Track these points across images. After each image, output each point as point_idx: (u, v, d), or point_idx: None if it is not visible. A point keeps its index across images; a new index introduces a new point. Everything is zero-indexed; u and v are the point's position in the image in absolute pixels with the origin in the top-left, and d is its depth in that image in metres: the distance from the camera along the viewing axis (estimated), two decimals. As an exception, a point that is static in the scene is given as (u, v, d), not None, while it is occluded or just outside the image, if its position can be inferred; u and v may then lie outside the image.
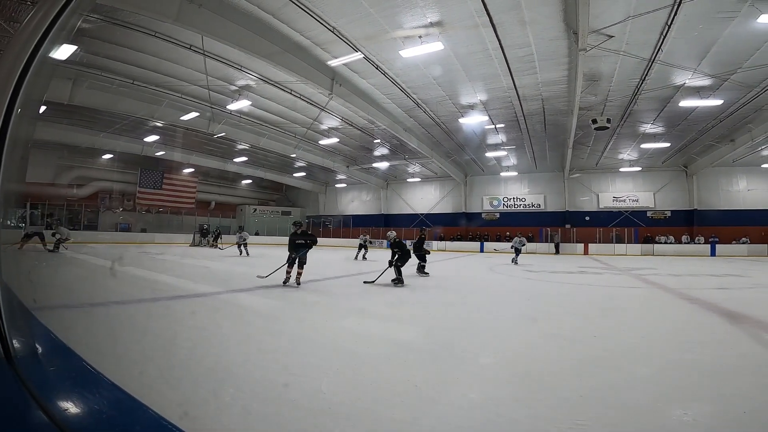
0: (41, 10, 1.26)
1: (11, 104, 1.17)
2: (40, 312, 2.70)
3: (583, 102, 13.85)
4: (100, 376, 1.32)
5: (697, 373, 2.81)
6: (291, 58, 11.41)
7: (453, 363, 3.07)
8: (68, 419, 1.01)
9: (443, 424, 2.00)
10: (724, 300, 5.98)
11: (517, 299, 6.70)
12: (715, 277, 9.82)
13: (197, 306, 5.25)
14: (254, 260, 12.98)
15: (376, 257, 13.69)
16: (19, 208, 15.99)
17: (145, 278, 7.85)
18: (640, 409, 2.20)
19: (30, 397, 1.05)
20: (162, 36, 10.87)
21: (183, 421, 1.73)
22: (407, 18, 9.84)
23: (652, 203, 24.98)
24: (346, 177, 30.24)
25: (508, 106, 15.71)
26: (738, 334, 3.98)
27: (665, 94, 13.94)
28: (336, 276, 9.37)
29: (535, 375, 2.76)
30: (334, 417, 2.04)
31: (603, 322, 4.64)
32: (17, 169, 1.34)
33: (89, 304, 4.90)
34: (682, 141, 19.59)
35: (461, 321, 4.74)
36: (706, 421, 2.10)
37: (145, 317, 4.40)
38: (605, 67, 12.15)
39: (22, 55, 1.20)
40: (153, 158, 24.18)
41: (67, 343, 1.71)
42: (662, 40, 10.08)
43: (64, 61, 9.79)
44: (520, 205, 28.20)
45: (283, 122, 18.64)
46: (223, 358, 2.94)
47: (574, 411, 2.13)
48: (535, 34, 10.40)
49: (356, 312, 5.19)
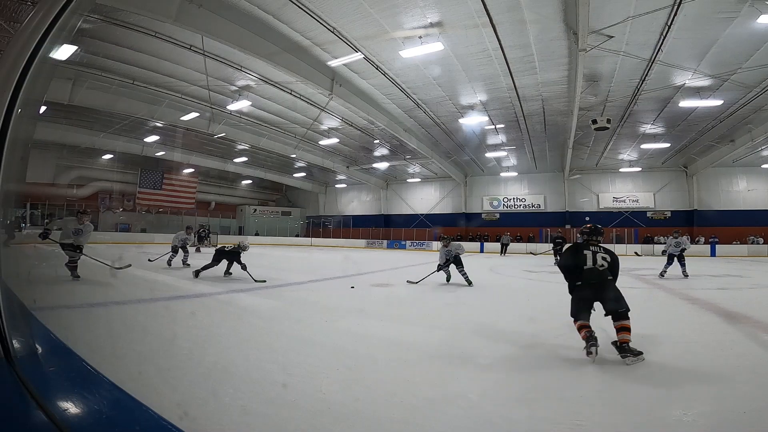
0: (41, 11, 1.26)
1: (11, 104, 1.17)
2: (39, 312, 2.70)
3: (583, 102, 13.85)
4: (100, 376, 1.32)
5: (697, 374, 2.81)
6: (291, 58, 11.42)
7: (452, 363, 3.07)
8: (68, 419, 1.01)
9: (442, 424, 2.00)
10: (723, 300, 5.98)
11: (517, 299, 6.70)
12: (715, 277, 9.82)
13: (197, 306, 5.25)
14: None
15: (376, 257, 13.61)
16: (19, 208, 15.99)
17: (145, 278, 7.84)
18: (639, 409, 2.20)
19: (29, 397, 1.06)
20: (162, 36, 10.87)
21: (183, 421, 1.74)
22: (407, 18, 9.85)
23: (652, 204, 24.98)
24: (346, 177, 30.25)
25: (508, 106, 15.72)
26: (736, 335, 3.99)
27: (665, 95, 13.95)
28: (335, 276, 9.37)
29: (535, 375, 2.76)
30: (334, 417, 2.04)
31: (603, 322, 4.64)
32: (17, 169, 1.34)
33: (89, 304, 4.90)
34: (682, 141, 19.60)
35: (461, 321, 4.74)
36: (706, 421, 2.10)
37: (144, 317, 4.41)
38: (605, 68, 12.16)
39: (22, 55, 1.20)
40: (153, 158, 24.20)
41: (66, 344, 1.71)
42: (662, 40, 10.09)
43: (64, 61, 9.80)
44: (520, 206, 28.21)
45: (283, 122, 18.66)
46: (223, 359, 2.94)
47: (574, 411, 2.13)
48: (535, 34, 10.41)
49: (356, 312, 5.19)
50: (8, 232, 11.84)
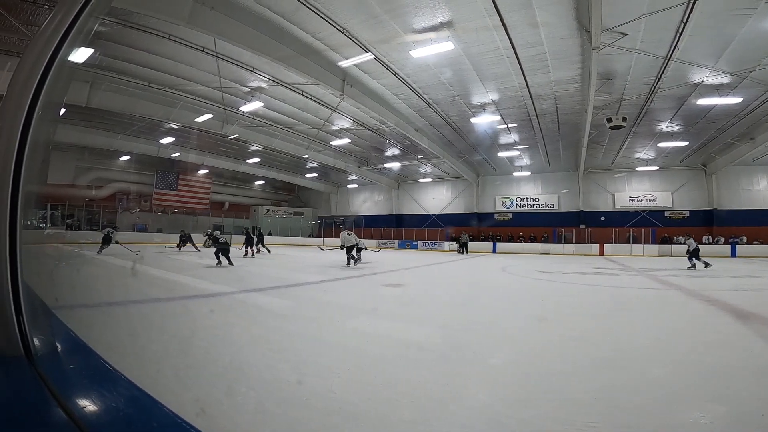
0: (59, 14, 1.28)
1: (32, 107, 1.20)
2: (60, 310, 2.77)
3: (598, 101, 13.63)
4: (118, 374, 1.34)
5: (713, 374, 2.74)
6: (302, 59, 11.50)
7: (463, 363, 3.05)
8: (86, 416, 1.03)
9: (453, 424, 1.99)
10: (741, 302, 5.83)
11: (529, 300, 6.63)
12: (733, 278, 9.57)
13: (213, 305, 5.32)
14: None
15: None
16: (40, 209, 16.42)
17: (163, 278, 7.99)
18: (653, 410, 2.15)
19: (49, 393, 1.08)
20: (175, 38, 11.05)
21: (198, 419, 1.76)
22: (417, 18, 9.83)
23: (669, 203, 24.44)
24: (357, 177, 30.31)
25: (520, 105, 15.56)
26: (753, 336, 3.88)
27: (682, 92, 13.64)
28: (348, 276, 9.40)
29: (546, 376, 2.73)
30: (345, 417, 2.04)
31: (616, 323, 4.56)
32: (38, 171, 1.37)
33: (107, 303, 5.01)
34: (700, 139, 19.13)
35: (472, 321, 4.71)
36: (723, 423, 2.05)
37: (161, 317, 4.48)
38: (620, 66, 11.94)
39: (41, 59, 1.22)
40: (168, 160, 24.63)
41: (86, 342, 1.75)
42: (678, 37, 9.86)
43: (81, 63, 10.02)
44: (533, 206, 27.90)
45: (295, 123, 18.80)
46: (237, 358, 2.97)
47: (586, 412, 2.10)
48: (547, 32, 10.28)
49: (368, 312, 5.20)
50: (105, 241, 12.47)
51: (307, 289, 6.83)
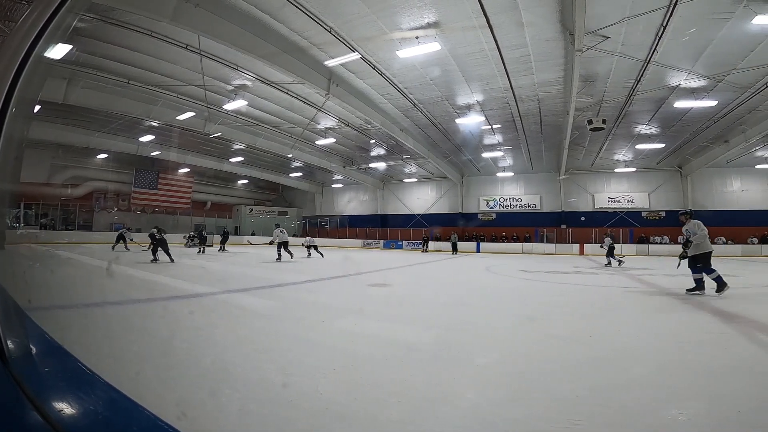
0: (36, 10, 1.25)
1: (6, 103, 1.16)
2: (35, 312, 2.68)
3: (579, 103, 13.92)
4: (96, 376, 1.31)
5: (693, 373, 2.82)
6: (288, 57, 11.41)
7: (451, 363, 3.07)
8: (63, 420, 1.00)
9: (441, 424, 2.00)
10: (718, 300, 6.02)
11: (513, 299, 6.71)
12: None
13: (194, 306, 5.22)
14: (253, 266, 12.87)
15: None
16: (13, 208, 15.86)
17: (141, 278, 7.80)
18: (636, 408, 2.21)
19: (25, 397, 1.04)
20: (158, 35, 10.83)
21: (180, 422, 1.72)
22: (404, 18, 9.86)
23: (646, 204, 25.16)
24: (342, 177, 30.25)
25: (504, 106, 15.77)
26: (732, 334, 4.01)
27: (660, 95, 14.05)
28: (333, 276, 9.36)
29: (532, 375, 2.77)
30: (332, 418, 2.03)
31: (598, 321, 4.65)
32: (11, 169, 1.33)
33: (84, 304, 4.87)
34: (676, 142, 19.74)
35: (459, 321, 4.74)
36: (702, 421, 2.11)
37: (141, 317, 4.38)
38: (601, 68, 12.23)
39: (17, 55, 1.19)
40: (148, 158, 24.10)
41: (62, 344, 1.70)
42: (657, 41, 10.15)
43: (59, 60, 9.73)
44: (516, 206, 28.33)
45: (280, 122, 18.63)
46: (221, 359, 2.92)
47: (571, 411, 2.14)
48: (532, 34, 10.46)
49: (354, 312, 5.18)
50: (119, 239, 11.89)
51: (291, 290, 6.76)
